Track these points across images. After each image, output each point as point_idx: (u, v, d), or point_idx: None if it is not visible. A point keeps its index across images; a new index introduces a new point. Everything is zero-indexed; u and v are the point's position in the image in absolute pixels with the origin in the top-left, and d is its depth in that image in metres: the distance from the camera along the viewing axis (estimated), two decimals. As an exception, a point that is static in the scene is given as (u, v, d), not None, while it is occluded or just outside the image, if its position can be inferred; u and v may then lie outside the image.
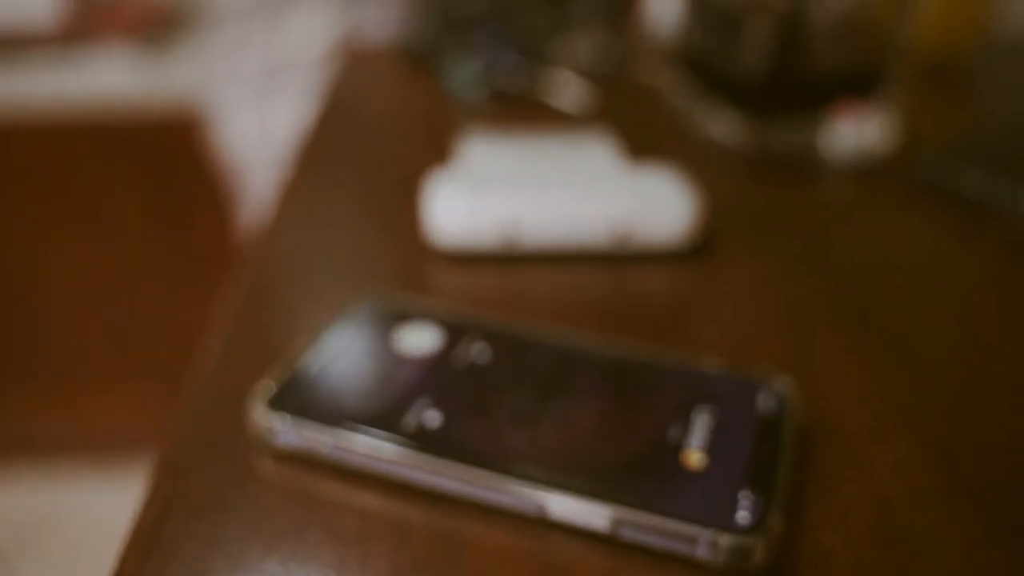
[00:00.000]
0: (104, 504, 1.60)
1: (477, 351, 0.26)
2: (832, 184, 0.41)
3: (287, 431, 0.23)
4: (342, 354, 0.25)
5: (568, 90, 0.53)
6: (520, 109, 0.52)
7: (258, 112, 1.22)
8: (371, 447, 0.22)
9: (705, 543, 0.19)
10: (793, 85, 0.41)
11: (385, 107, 0.53)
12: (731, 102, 0.43)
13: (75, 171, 1.52)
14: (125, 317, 1.63)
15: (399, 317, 0.27)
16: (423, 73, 0.59)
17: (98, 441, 1.70)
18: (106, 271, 1.59)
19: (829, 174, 0.42)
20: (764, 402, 0.23)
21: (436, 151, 0.45)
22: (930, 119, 0.51)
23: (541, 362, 0.25)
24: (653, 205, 0.33)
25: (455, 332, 0.27)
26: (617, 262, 0.34)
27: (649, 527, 0.19)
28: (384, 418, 0.23)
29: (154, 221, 1.56)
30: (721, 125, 0.44)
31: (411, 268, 0.33)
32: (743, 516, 0.19)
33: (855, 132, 0.43)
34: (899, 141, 0.47)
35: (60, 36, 1.50)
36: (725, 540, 0.19)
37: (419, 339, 0.26)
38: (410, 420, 0.22)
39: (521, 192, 0.33)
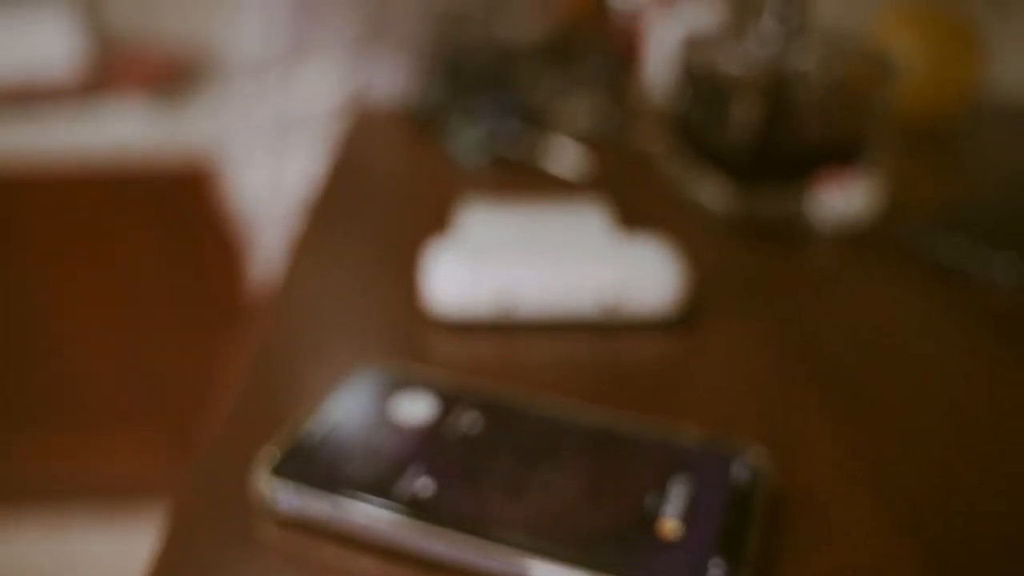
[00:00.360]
0: (113, 552, 1.61)
1: (469, 421, 0.27)
2: (817, 251, 0.43)
3: (289, 497, 0.24)
4: (343, 422, 0.27)
5: (567, 157, 0.55)
6: (520, 175, 0.54)
7: (269, 165, 1.25)
8: (367, 514, 0.23)
9: (677, 610, 0.20)
10: (779, 156, 0.43)
11: (391, 169, 0.55)
12: (720, 171, 0.44)
13: (90, 220, 1.55)
14: (136, 363, 1.64)
15: (397, 386, 0.29)
16: (427, 136, 0.62)
17: (107, 487, 1.71)
18: (119, 318, 1.61)
19: (815, 241, 0.44)
20: (738, 472, 0.25)
21: (438, 214, 0.47)
22: (916, 185, 0.53)
23: (529, 431, 0.27)
24: (641, 277, 0.35)
25: (449, 401, 0.28)
26: (607, 330, 0.35)
27: (625, 594, 0.21)
28: (380, 486, 0.24)
29: (167, 269, 1.58)
30: (711, 192, 0.46)
31: (411, 335, 0.35)
32: (712, 584, 0.21)
33: (840, 200, 0.45)
34: (883, 208, 0.48)
35: (78, 88, 1.54)
36: (695, 607, 0.20)
37: (415, 408, 0.28)
38: (404, 488, 0.24)
39: (516, 264, 0.35)
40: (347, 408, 0.28)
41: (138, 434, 1.68)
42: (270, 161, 1.25)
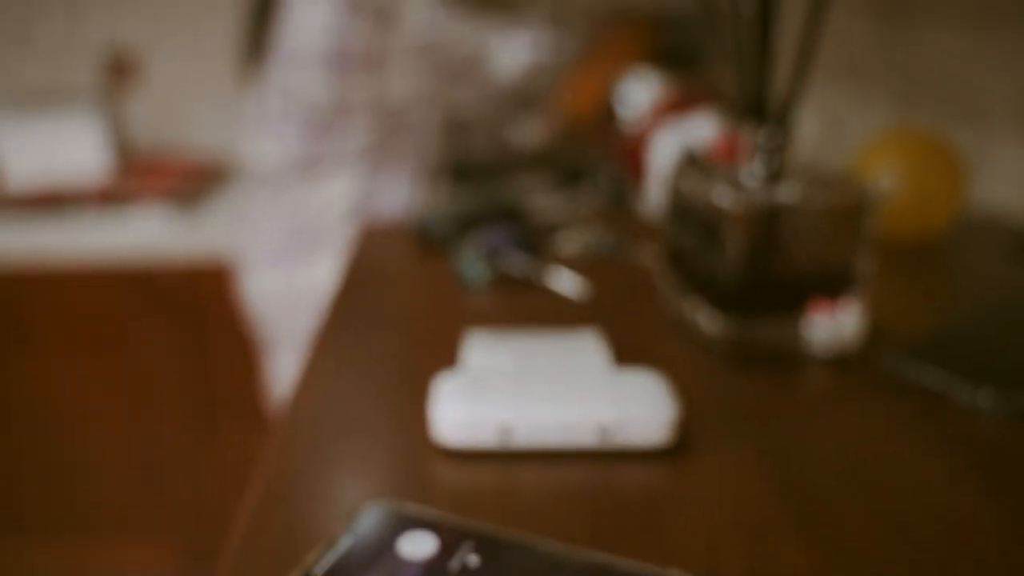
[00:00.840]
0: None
1: (468, 557, 0.29)
2: (806, 378, 0.45)
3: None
4: (350, 560, 0.29)
5: (567, 278, 0.58)
6: (522, 293, 0.56)
7: (281, 270, 1.29)
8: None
9: None
10: (769, 286, 0.46)
11: (399, 284, 0.57)
12: (711, 299, 0.47)
13: (107, 318, 1.59)
14: (148, 463, 1.65)
15: (401, 523, 0.31)
16: (434, 252, 0.65)
17: (110, 586, 1.69)
18: (131, 415, 1.63)
19: (803, 368, 0.46)
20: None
21: (444, 332, 0.49)
22: (903, 308, 0.55)
23: (524, 568, 0.28)
24: (636, 409, 0.37)
25: (450, 538, 0.30)
26: (602, 459, 0.37)
27: None
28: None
29: (180, 367, 1.61)
30: (703, 318, 0.48)
31: (416, 462, 0.36)
32: None
33: (829, 327, 0.47)
34: (870, 334, 0.50)
35: (103, 192, 1.60)
36: None
37: (418, 545, 0.29)
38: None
39: (516, 398, 0.37)
40: (355, 546, 0.29)
41: (146, 541, 1.68)
42: (282, 266, 1.29)
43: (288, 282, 1.29)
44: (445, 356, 0.47)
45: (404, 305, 0.55)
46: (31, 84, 1.99)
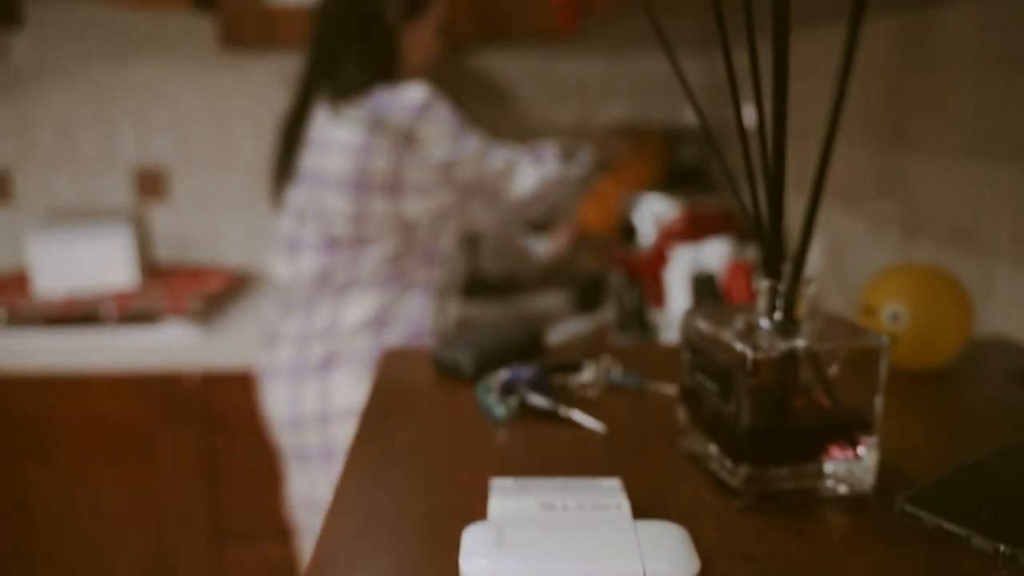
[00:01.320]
0: None
1: None
2: (822, 522, 0.46)
3: None
4: None
5: (586, 415, 0.60)
6: (544, 428, 0.58)
7: (298, 380, 1.31)
8: None
9: None
10: (782, 432, 0.47)
11: (422, 416, 0.59)
12: (726, 444, 0.48)
13: (131, 426, 1.60)
14: (166, 571, 1.64)
15: None
16: (457, 382, 0.67)
17: None
18: (152, 528, 1.63)
19: (820, 511, 0.47)
20: None
21: (468, 473, 0.50)
22: (917, 440, 0.56)
23: None
24: (657, 565, 0.38)
25: None
26: (626, 616, 0.38)
27: None
28: None
29: (204, 477, 1.61)
30: (718, 462, 0.49)
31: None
32: None
33: (844, 470, 0.48)
34: (885, 474, 0.51)
35: (130, 302, 1.63)
36: None
37: None
38: None
39: (543, 555, 0.38)
40: None
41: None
42: (298, 378, 1.31)
43: (304, 394, 1.30)
44: (470, 501, 0.48)
45: (428, 441, 0.56)
46: (63, 199, 2.06)
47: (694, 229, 1.35)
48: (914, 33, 0.97)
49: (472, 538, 0.40)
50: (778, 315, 0.48)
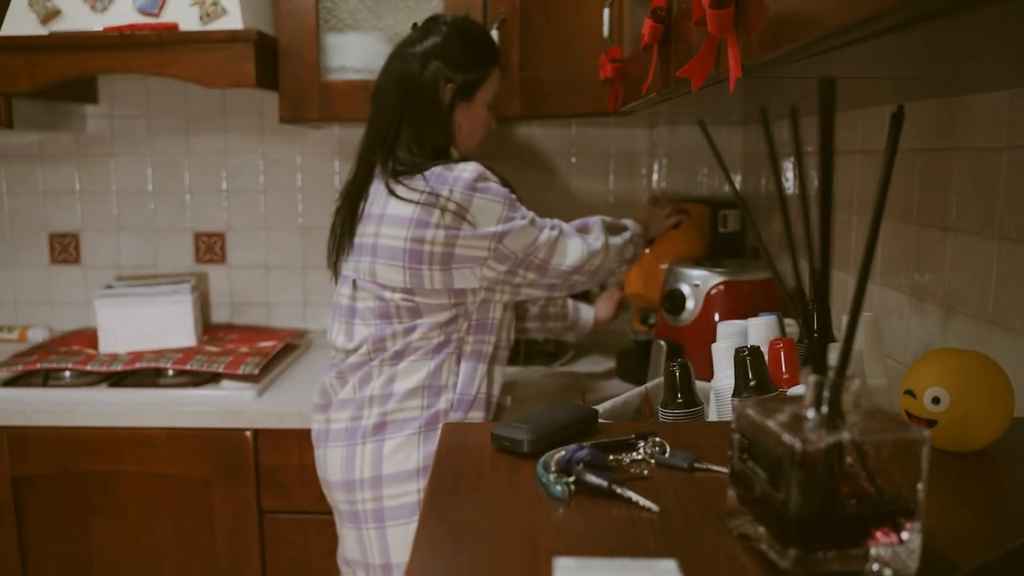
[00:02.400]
0: None
1: None
2: (871, 607, 0.48)
3: None
4: None
5: (640, 496, 0.63)
6: (601, 506, 0.61)
7: (351, 442, 1.35)
8: None
9: None
10: (830, 519, 0.50)
11: (483, 494, 0.63)
12: (776, 529, 0.51)
13: (190, 480, 1.65)
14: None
15: None
16: (515, 456, 0.70)
17: None
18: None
19: (868, 595, 0.49)
20: None
21: (530, 553, 0.54)
22: (958, 529, 0.58)
23: None
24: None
25: None
26: None
27: None
28: None
29: (262, 532, 1.65)
30: (769, 546, 0.52)
31: None
32: None
33: (890, 556, 0.51)
34: (929, 557, 0.54)
35: (190, 360, 1.70)
36: None
37: None
38: None
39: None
40: None
41: None
42: (350, 440, 1.35)
43: (358, 457, 1.34)
44: (533, 560, 0.52)
45: (491, 516, 0.60)
46: (127, 260, 2.16)
47: (735, 297, 1.38)
48: (949, 117, 1.01)
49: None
50: (824, 408, 0.52)
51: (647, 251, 1.69)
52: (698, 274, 1.45)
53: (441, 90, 1.37)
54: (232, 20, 1.66)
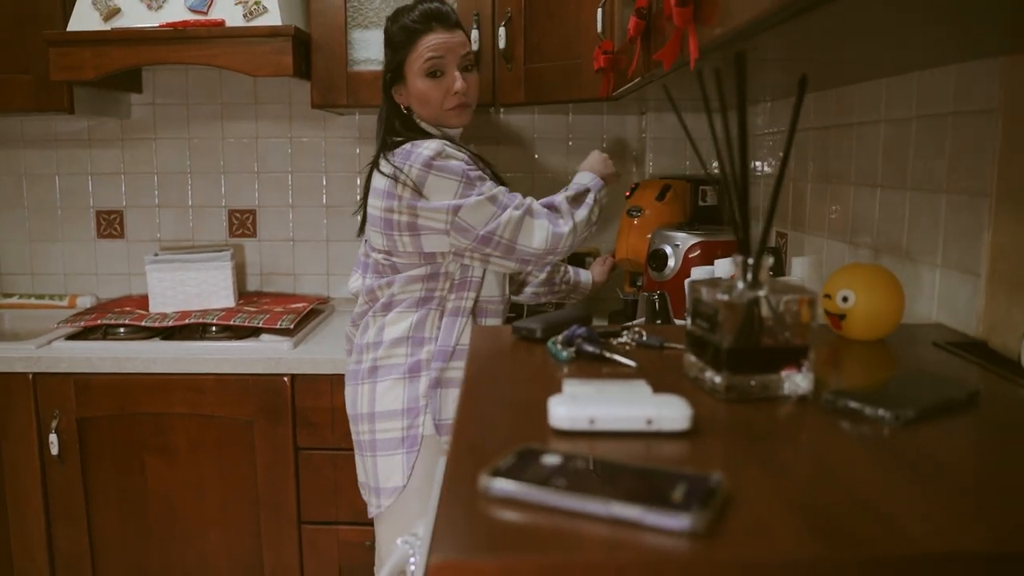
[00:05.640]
0: None
1: (577, 462, 0.56)
2: (777, 408, 0.72)
3: None
4: (516, 464, 0.56)
5: (624, 357, 0.86)
6: (594, 365, 0.85)
7: (357, 385, 1.58)
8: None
9: None
10: (750, 354, 0.73)
11: (510, 363, 0.86)
12: (716, 363, 0.74)
13: (234, 421, 1.87)
14: (253, 561, 1.89)
15: (541, 451, 0.58)
16: (530, 344, 0.94)
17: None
18: (243, 515, 1.89)
19: (776, 403, 0.73)
20: None
21: (546, 384, 0.77)
22: (846, 374, 0.82)
23: (607, 469, 0.55)
24: (668, 409, 0.64)
25: (567, 458, 0.57)
26: (648, 437, 0.64)
27: None
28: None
29: (298, 465, 1.87)
30: (710, 376, 0.75)
31: (544, 435, 0.64)
32: None
33: (791, 380, 0.74)
34: (820, 387, 0.77)
35: (230, 319, 1.92)
36: None
37: (550, 459, 0.57)
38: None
39: (598, 404, 0.65)
40: (518, 458, 0.57)
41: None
42: (358, 385, 1.58)
43: (358, 396, 1.58)
44: (549, 392, 0.75)
45: (518, 373, 0.84)
46: (166, 235, 2.39)
47: (710, 256, 1.62)
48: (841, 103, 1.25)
49: (554, 400, 0.66)
50: (749, 278, 0.75)
51: (635, 222, 1.93)
52: (678, 236, 1.69)
53: (385, 83, 1.62)
54: (272, 17, 1.89)
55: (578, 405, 0.65)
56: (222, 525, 1.91)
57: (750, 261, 0.75)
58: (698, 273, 1.25)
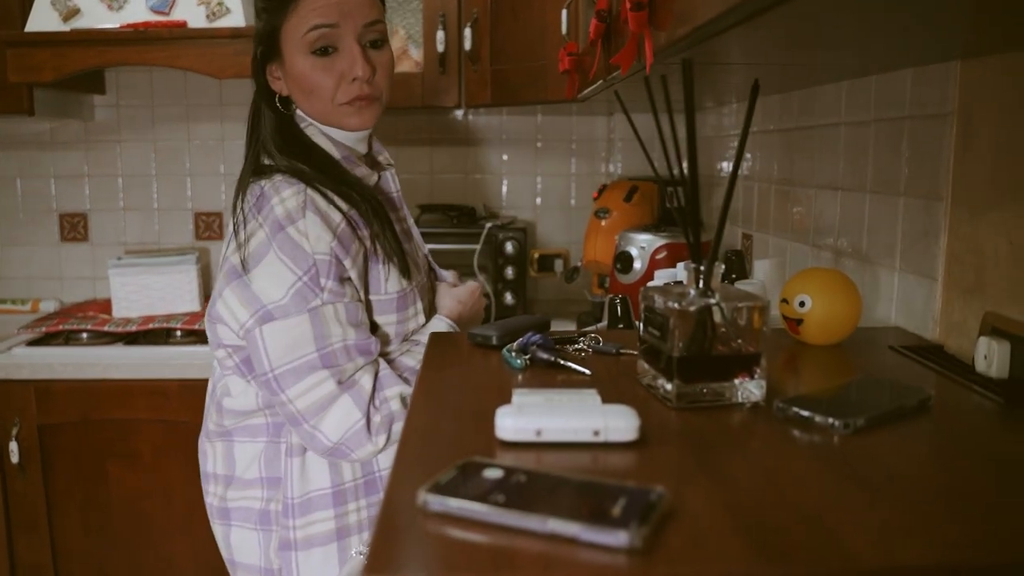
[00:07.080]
0: None
1: (519, 477, 0.55)
2: (729, 416, 0.71)
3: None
4: (458, 478, 0.55)
5: (578, 365, 0.86)
6: (548, 372, 0.84)
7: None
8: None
9: None
10: (703, 361, 0.73)
11: (464, 368, 0.85)
12: (667, 372, 0.74)
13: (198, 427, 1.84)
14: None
15: (484, 465, 0.57)
16: (485, 351, 0.93)
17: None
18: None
19: (728, 411, 0.72)
20: None
21: (499, 392, 0.76)
22: (800, 380, 0.82)
23: (548, 483, 0.54)
24: (616, 420, 0.63)
25: (508, 472, 0.56)
26: (596, 448, 0.63)
27: None
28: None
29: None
30: (662, 385, 0.75)
31: (490, 448, 0.63)
32: None
33: (743, 387, 0.74)
34: (772, 393, 0.77)
35: (197, 322, 1.89)
36: None
37: (492, 474, 0.56)
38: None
39: (545, 415, 0.64)
40: (459, 473, 0.56)
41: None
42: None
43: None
44: (501, 401, 0.74)
45: (470, 380, 0.83)
46: (131, 238, 2.35)
47: (676, 257, 1.62)
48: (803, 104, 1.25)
49: (501, 412, 0.66)
50: (700, 286, 0.75)
51: (603, 224, 1.92)
52: (644, 238, 1.68)
53: (255, 62, 1.13)
54: (235, 18, 1.86)
55: (524, 416, 0.64)
56: (188, 532, 1.88)
57: (701, 268, 0.74)
58: (661, 276, 1.24)
